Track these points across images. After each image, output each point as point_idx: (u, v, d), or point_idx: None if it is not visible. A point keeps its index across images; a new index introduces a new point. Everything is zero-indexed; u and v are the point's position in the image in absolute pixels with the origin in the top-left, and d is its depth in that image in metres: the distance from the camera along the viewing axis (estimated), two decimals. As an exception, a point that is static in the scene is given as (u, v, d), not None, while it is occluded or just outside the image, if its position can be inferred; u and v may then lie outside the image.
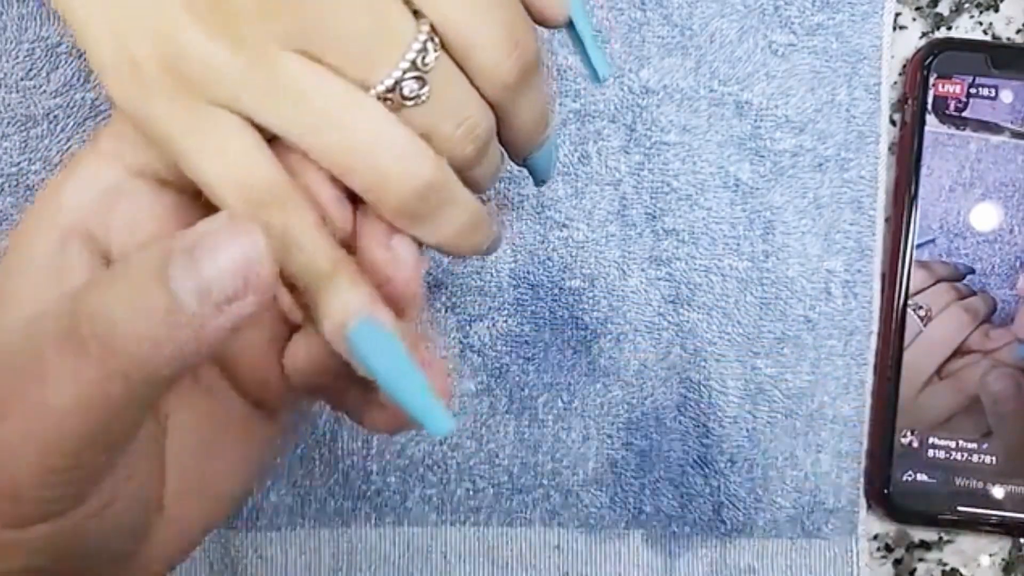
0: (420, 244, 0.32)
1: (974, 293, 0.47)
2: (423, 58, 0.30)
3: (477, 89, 0.32)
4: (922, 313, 0.47)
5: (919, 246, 0.47)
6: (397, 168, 0.30)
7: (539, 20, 0.33)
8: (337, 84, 0.29)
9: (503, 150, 0.35)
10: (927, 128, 0.47)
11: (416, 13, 0.30)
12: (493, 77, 0.31)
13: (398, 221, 0.31)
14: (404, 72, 0.30)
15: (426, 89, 0.30)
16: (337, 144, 0.30)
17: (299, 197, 0.30)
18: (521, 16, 0.32)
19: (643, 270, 0.47)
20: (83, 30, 0.30)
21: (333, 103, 0.29)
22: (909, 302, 0.47)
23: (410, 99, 0.30)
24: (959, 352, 0.47)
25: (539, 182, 0.39)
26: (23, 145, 0.46)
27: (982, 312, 0.47)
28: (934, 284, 0.47)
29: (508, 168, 0.47)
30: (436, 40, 0.30)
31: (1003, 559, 0.49)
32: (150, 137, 0.30)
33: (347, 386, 0.33)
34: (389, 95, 0.30)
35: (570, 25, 0.34)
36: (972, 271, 0.47)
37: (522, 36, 0.32)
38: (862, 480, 0.48)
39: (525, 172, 0.47)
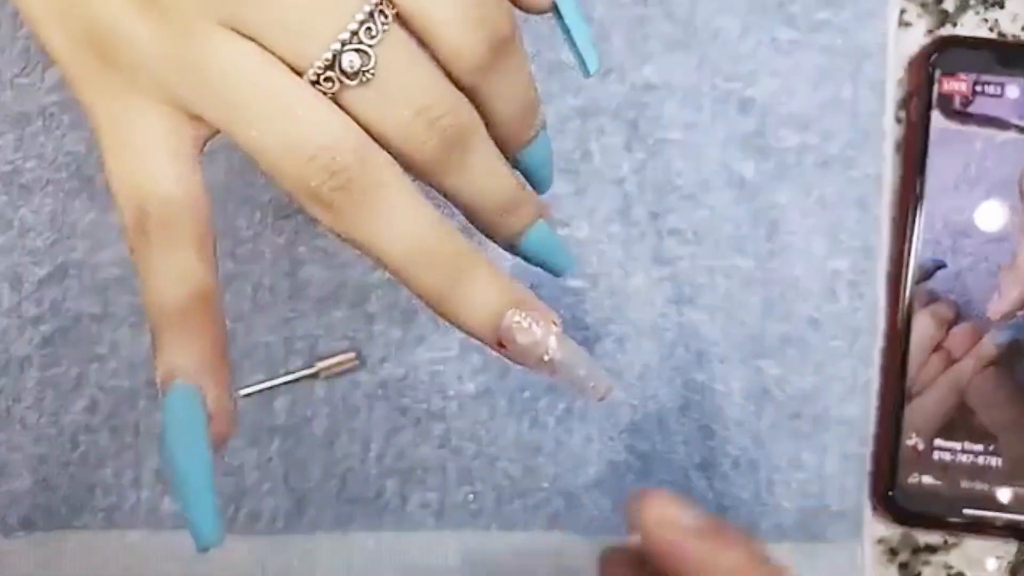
0: None
1: (937, 297, 0.47)
2: (368, 29, 0.28)
3: (449, 76, 0.30)
4: None
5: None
6: (313, 167, 0.28)
7: (521, 5, 0.32)
8: (265, 70, 0.28)
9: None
10: (932, 125, 0.47)
11: None
12: (459, 56, 0.29)
13: (322, 221, 0.29)
14: (343, 44, 0.27)
15: (371, 64, 0.28)
16: (257, 139, 0.28)
17: (194, 224, 0.29)
18: None
19: (646, 270, 0.47)
20: (35, 16, 0.29)
21: (258, 92, 0.28)
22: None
23: (351, 76, 0.28)
24: (945, 358, 0.47)
25: (539, 188, 0.36)
26: (18, 143, 0.46)
27: (949, 317, 0.47)
28: None
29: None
30: (389, 13, 0.28)
31: (1009, 562, 0.48)
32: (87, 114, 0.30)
33: None
34: (329, 72, 0.28)
35: (558, 14, 0.32)
36: (943, 265, 0.47)
37: (490, 11, 0.29)
38: (867, 483, 0.48)
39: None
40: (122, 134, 0.29)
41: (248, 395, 0.46)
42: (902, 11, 0.48)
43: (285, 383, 0.46)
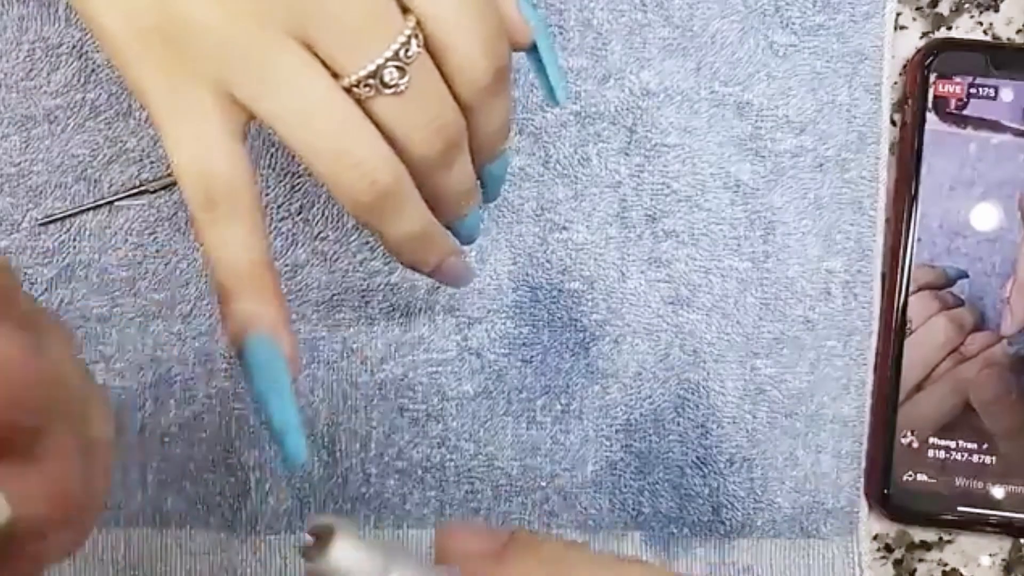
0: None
1: (961, 302, 0.47)
2: (406, 50, 0.32)
3: (452, 92, 0.34)
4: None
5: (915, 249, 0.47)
6: (357, 173, 0.32)
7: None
8: (320, 80, 0.32)
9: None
10: (927, 128, 0.47)
11: (405, 9, 0.32)
12: (469, 77, 0.34)
13: (351, 211, 0.34)
14: (387, 60, 0.32)
15: (405, 79, 0.32)
16: (306, 141, 0.32)
17: (251, 199, 0.33)
18: (499, 26, 0.34)
19: (642, 272, 0.47)
20: (92, 6, 0.32)
21: (311, 99, 0.32)
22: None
23: (390, 87, 0.32)
24: (949, 356, 0.47)
25: (489, 197, 0.41)
26: (24, 145, 0.46)
27: (969, 324, 0.47)
28: (916, 292, 0.47)
29: (509, 168, 0.47)
30: (420, 36, 0.32)
31: (1003, 559, 0.49)
32: (138, 99, 0.33)
33: None
34: (370, 80, 0.32)
35: (531, 48, 0.36)
36: (965, 275, 0.47)
37: (498, 43, 0.34)
38: (862, 480, 0.48)
39: (522, 172, 0.47)
40: (183, 118, 0.32)
41: (53, 221, 0.47)
42: (897, 15, 0.48)
43: (112, 202, 0.47)
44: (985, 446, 0.47)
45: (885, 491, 0.47)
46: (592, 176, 0.47)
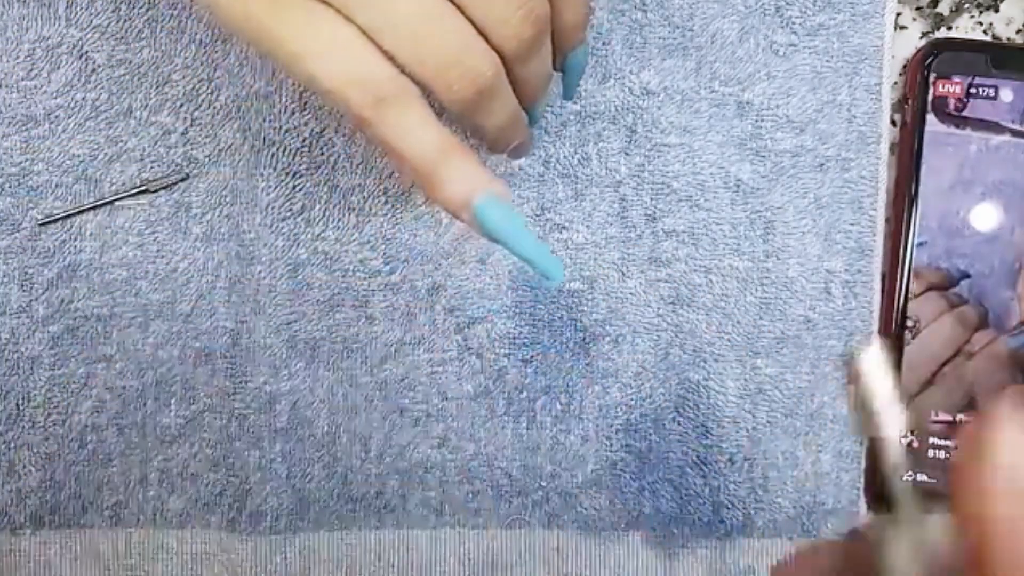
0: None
1: (966, 301, 0.47)
2: None
3: None
4: (911, 323, 0.47)
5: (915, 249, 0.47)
6: (459, 71, 0.33)
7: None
8: None
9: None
10: (927, 128, 0.47)
11: None
12: None
13: (453, 108, 0.34)
14: None
15: None
16: (408, 46, 0.32)
17: (413, 87, 0.33)
18: None
19: (642, 271, 0.47)
20: None
21: (410, 4, 0.32)
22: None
23: None
24: (955, 354, 0.47)
25: (568, 93, 0.43)
26: (24, 145, 0.46)
27: (974, 322, 0.47)
28: (923, 292, 0.47)
29: (509, 166, 0.47)
30: None
31: (1002, 559, 0.49)
32: (263, 49, 0.33)
33: None
34: None
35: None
36: (967, 276, 0.47)
37: None
38: (862, 480, 0.48)
39: (522, 172, 0.47)
40: (313, 35, 0.32)
41: (53, 221, 0.47)
42: (897, 15, 0.48)
43: (112, 202, 0.47)
44: (985, 446, 0.47)
45: (885, 491, 0.47)
46: (592, 176, 0.47)
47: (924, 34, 0.49)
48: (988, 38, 0.49)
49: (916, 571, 0.26)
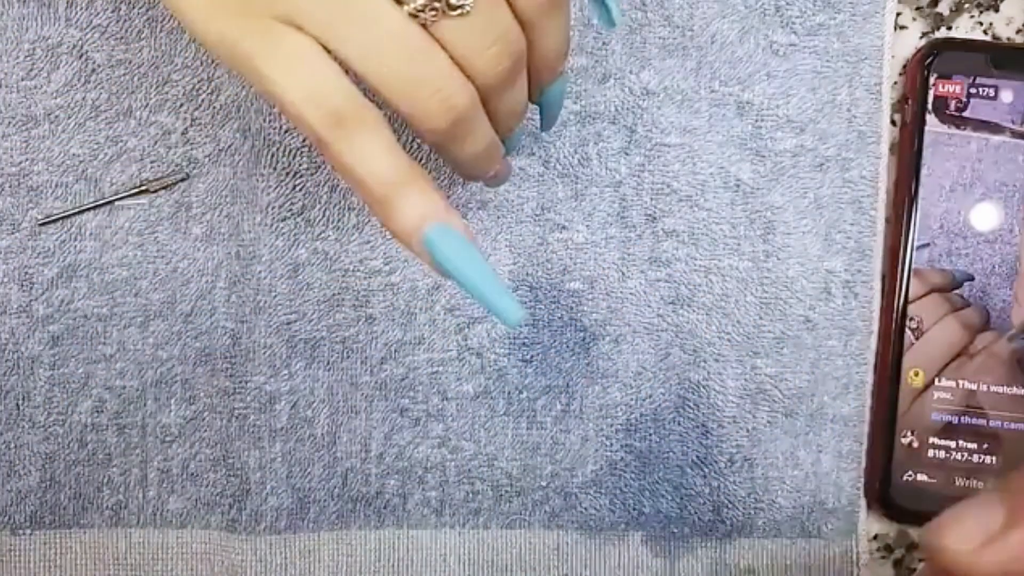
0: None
1: (969, 304, 0.47)
2: None
3: (512, 10, 0.34)
4: (914, 325, 0.47)
5: (917, 249, 0.47)
6: (435, 101, 0.33)
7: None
8: (388, 8, 0.32)
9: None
10: (927, 128, 0.47)
11: None
12: None
13: (428, 138, 0.34)
14: None
15: (470, 1, 0.32)
16: (380, 72, 0.32)
17: (375, 112, 0.33)
18: None
19: (643, 271, 0.47)
20: None
21: (382, 28, 0.32)
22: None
23: (455, 8, 0.32)
24: (958, 356, 0.47)
25: (546, 124, 0.42)
26: (24, 145, 0.46)
27: (977, 324, 0.47)
28: (926, 294, 0.47)
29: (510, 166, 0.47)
30: None
31: (1003, 559, 0.49)
32: (230, 63, 0.33)
33: None
34: (436, 4, 0.32)
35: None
36: (971, 278, 0.47)
37: None
38: (862, 480, 0.48)
39: (522, 172, 0.47)
40: (282, 54, 0.32)
41: (53, 221, 0.47)
42: (897, 14, 0.48)
43: (112, 201, 0.47)
44: (985, 446, 0.47)
45: (885, 491, 0.47)
46: (592, 176, 0.47)
47: (924, 34, 0.49)
48: (988, 38, 0.49)
49: None
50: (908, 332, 0.47)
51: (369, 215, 0.47)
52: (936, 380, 0.47)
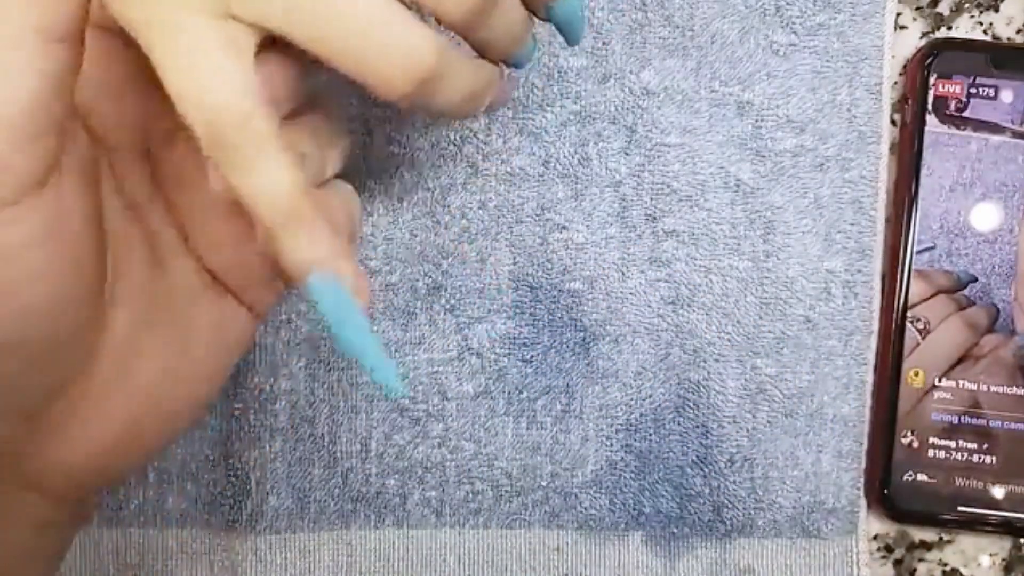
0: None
1: (974, 303, 0.47)
2: None
3: None
4: (920, 326, 0.47)
5: (919, 253, 0.47)
6: (398, 62, 0.29)
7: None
8: None
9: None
10: (927, 128, 0.47)
11: None
12: None
13: (399, 104, 0.30)
14: None
15: None
16: (334, 42, 0.29)
17: (266, 128, 0.28)
18: None
19: (643, 272, 0.47)
20: None
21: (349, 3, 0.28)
22: (908, 314, 0.47)
23: None
24: (963, 357, 0.48)
25: (571, 40, 0.37)
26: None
27: (984, 324, 0.47)
28: (933, 296, 0.47)
29: (509, 167, 0.47)
30: None
31: (1003, 559, 0.49)
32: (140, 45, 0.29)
33: None
34: None
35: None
36: (975, 279, 0.47)
37: None
38: (862, 480, 0.48)
39: (522, 172, 0.47)
40: (175, 49, 0.28)
41: None
42: (897, 15, 0.48)
43: None
44: (985, 446, 0.47)
45: (885, 491, 0.47)
46: (592, 176, 0.47)
47: (924, 34, 0.49)
48: (988, 38, 0.49)
49: None
50: (915, 333, 0.47)
51: (369, 214, 0.47)
52: (937, 380, 0.47)
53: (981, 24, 0.49)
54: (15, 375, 0.29)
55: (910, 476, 0.47)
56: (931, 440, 0.47)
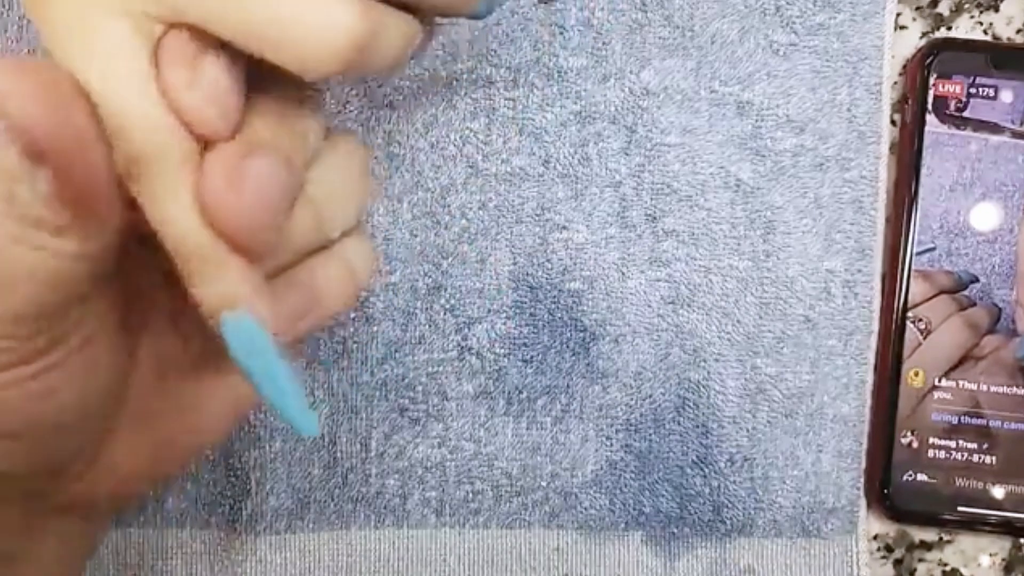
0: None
1: (975, 304, 0.47)
2: None
3: None
4: (922, 326, 0.47)
5: (919, 254, 0.47)
6: (326, 39, 0.26)
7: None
8: None
9: None
10: (927, 128, 0.47)
11: None
12: None
13: (334, 80, 0.29)
14: None
15: None
16: (257, 29, 0.26)
17: (180, 151, 0.26)
18: None
19: (643, 271, 0.47)
20: None
21: None
22: (909, 314, 0.47)
23: None
24: (964, 357, 0.48)
25: (480, 13, 0.34)
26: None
27: (985, 324, 0.47)
28: (935, 296, 0.47)
29: (509, 167, 0.47)
30: None
31: (1003, 559, 0.49)
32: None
33: None
34: None
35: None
36: (976, 279, 0.47)
37: None
38: (862, 480, 0.48)
39: (522, 172, 0.47)
40: (89, 58, 0.26)
41: None
42: (897, 14, 0.48)
43: None
44: (985, 446, 0.47)
45: (885, 491, 0.47)
46: (592, 176, 0.47)
47: (924, 34, 0.49)
48: (988, 38, 0.49)
49: None
50: (916, 332, 0.47)
51: (369, 214, 0.47)
52: (937, 380, 0.47)
53: (981, 24, 0.49)
54: (40, 451, 0.29)
55: (910, 476, 0.47)
56: (931, 440, 0.47)
